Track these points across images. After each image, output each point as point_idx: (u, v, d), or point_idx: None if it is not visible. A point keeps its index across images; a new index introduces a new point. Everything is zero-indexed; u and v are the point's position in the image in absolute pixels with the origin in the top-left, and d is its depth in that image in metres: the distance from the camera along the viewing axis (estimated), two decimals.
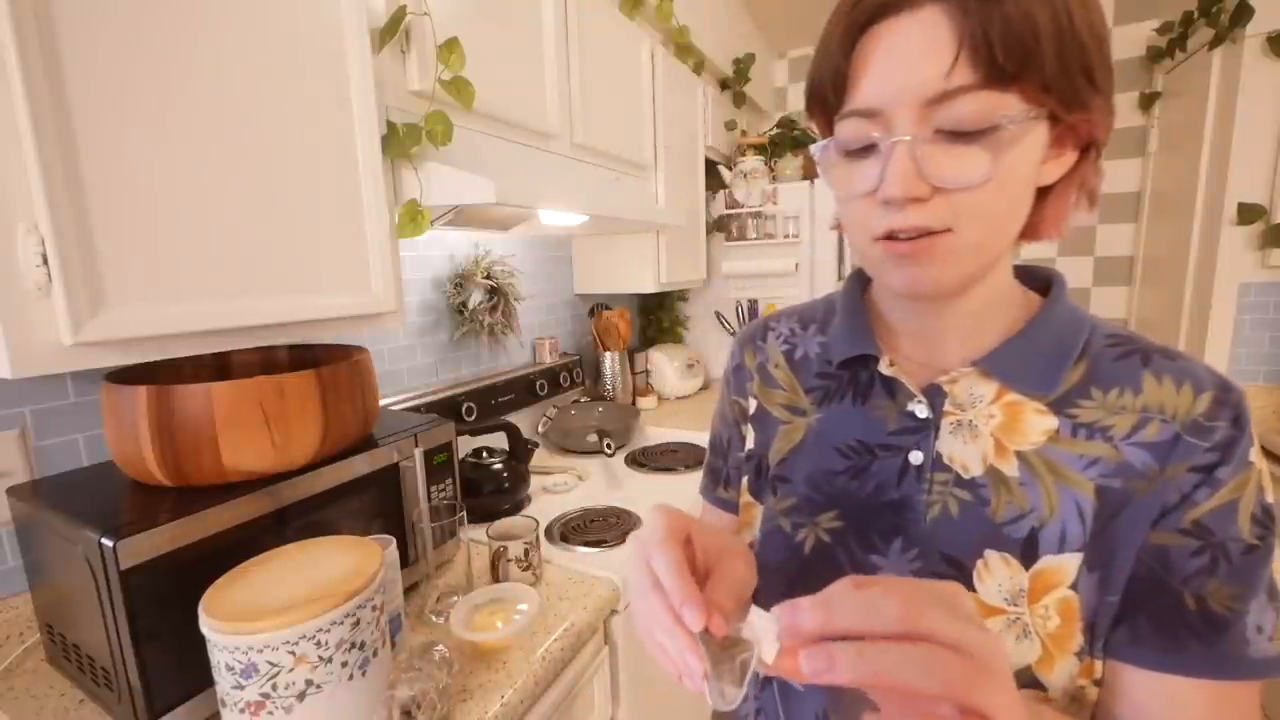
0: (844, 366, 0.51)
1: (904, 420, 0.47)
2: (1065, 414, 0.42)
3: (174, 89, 0.65)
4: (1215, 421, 0.39)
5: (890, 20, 0.36)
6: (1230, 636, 0.38)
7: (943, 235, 0.38)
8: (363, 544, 0.68)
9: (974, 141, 0.36)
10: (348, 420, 0.83)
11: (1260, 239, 1.70)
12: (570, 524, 1.21)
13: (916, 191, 0.37)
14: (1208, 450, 0.39)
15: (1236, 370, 1.80)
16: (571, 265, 1.95)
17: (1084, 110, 0.37)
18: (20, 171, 0.55)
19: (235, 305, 0.72)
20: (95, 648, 0.67)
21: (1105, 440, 0.41)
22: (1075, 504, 0.41)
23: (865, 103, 0.38)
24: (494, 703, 0.73)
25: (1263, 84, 1.66)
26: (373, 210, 0.88)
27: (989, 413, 0.44)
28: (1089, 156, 0.41)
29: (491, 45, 1.07)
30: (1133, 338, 0.45)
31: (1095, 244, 2.41)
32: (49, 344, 0.58)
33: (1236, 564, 0.39)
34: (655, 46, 1.66)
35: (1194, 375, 0.41)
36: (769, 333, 0.59)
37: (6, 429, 0.80)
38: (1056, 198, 0.42)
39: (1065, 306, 0.45)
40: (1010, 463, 0.43)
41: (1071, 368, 0.43)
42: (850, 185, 0.40)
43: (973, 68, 0.34)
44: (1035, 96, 0.35)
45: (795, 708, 0.49)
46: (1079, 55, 0.35)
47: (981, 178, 0.36)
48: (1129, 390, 0.42)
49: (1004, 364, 0.44)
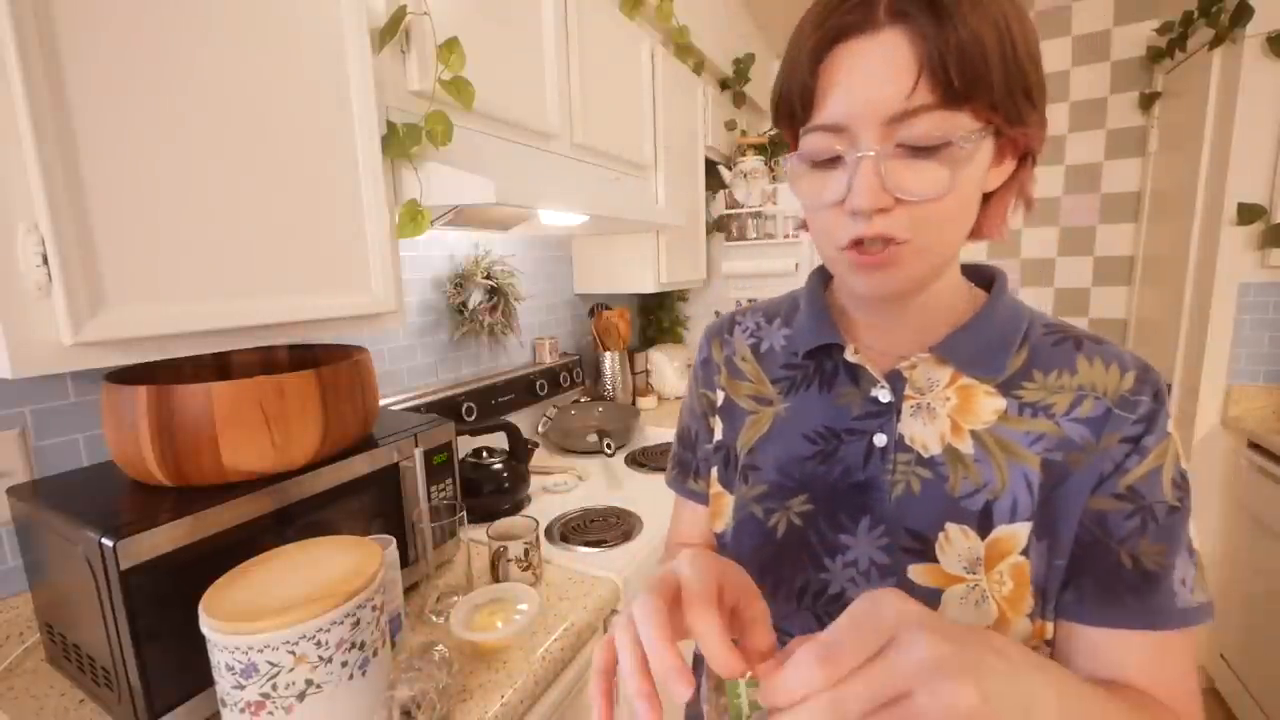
0: (809, 356, 0.55)
1: (868, 405, 0.50)
2: (1012, 395, 0.47)
3: (174, 89, 0.65)
4: (1140, 396, 0.44)
5: (854, 41, 0.39)
6: (1160, 590, 0.42)
7: (903, 245, 0.41)
8: (363, 544, 0.68)
9: (932, 157, 0.39)
10: (348, 420, 0.83)
11: (1260, 239, 1.70)
12: (570, 524, 1.21)
13: (882, 203, 0.39)
14: (1135, 422, 0.44)
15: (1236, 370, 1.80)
16: (571, 265, 1.95)
17: (1023, 125, 0.41)
18: (20, 171, 0.55)
19: (235, 305, 0.72)
20: (95, 648, 0.67)
21: (1048, 417, 0.45)
22: (1024, 477, 0.45)
23: (832, 118, 0.40)
24: (494, 703, 0.73)
25: (1263, 84, 1.65)
26: (373, 210, 0.88)
27: (945, 395, 0.48)
28: (1025, 164, 0.45)
29: (491, 45, 1.07)
30: (1065, 326, 0.49)
31: (1095, 244, 2.41)
32: (49, 344, 0.58)
33: (1162, 523, 0.43)
34: (655, 46, 1.66)
35: (1119, 357, 0.46)
36: (735, 327, 0.62)
37: (6, 429, 0.80)
38: (998, 202, 0.46)
39: (1007, 301, 0.50)
40: (966, 441, 0.46)
41: (1015, 354, 0.48)
42: (818, 196, 0.43)
43: (930, 89, 0.37)
44: (984, 114, 0.39)
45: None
46: (1020, 77, 0.39)
47: (942, 191, 0.39)
48: (1066, 372, 0.46)
49: (956, 350, 0.48)
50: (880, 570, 0.47)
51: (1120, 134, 2.32)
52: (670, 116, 1.74)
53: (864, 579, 0.48)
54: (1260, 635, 1.65)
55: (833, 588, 0.49)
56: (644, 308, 2.35)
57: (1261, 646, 1.64)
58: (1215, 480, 1.84)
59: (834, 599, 0.49)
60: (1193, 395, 1.86)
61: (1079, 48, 2.35)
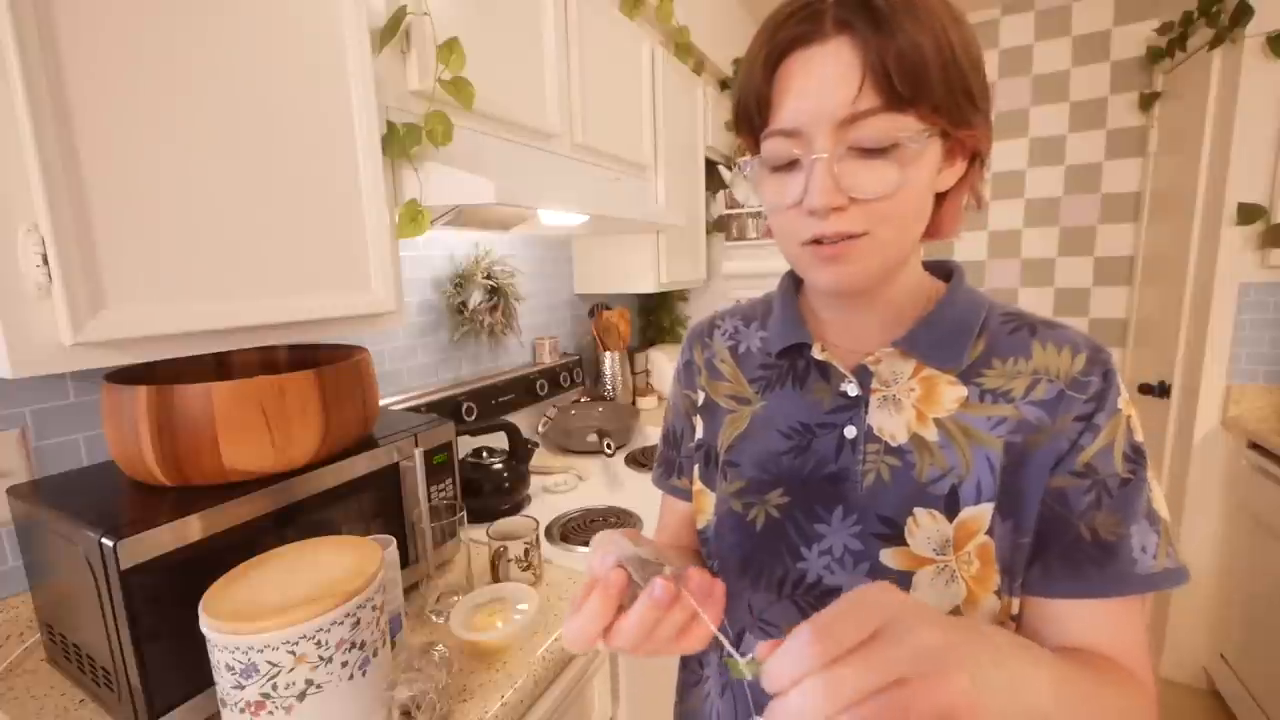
0: (782, 356, 0.57)
1: (837, 400, 0.52)
2: (973, 383, 0.49)
3: (174, 89, 0.65)
4: (1090, 377, 0.46)
5: (803, 50, 0.42)
6: (1119, 558, 0.45)
7: (860, 238, 0.43)
8: (363, 544, 0.68)
9: (883, 156, 0.41)
10: (348, 420, 0.83)
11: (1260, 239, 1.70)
12: (570, 524, 1.21)
13: (836, 202, 0.42)
14: (1086, 401, 0.46)
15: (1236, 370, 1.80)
16: (571, 265, 1.95)
17: (969, 127, 0.43)
18: (20, 171, 0.55)
19: (235, 305, 0.72)
20: (95, 648, 0.67)
21: (1007, 402, 0.47)
22: (986, 459, 0.47)
23: (787, 124, 0.43)
24: (494, 703, 0.73)
25: (1263, 84, 1.65)
26: (373, 210, 0.88)
27: (909, 386, 0.50)
28: (975, 165, 0.48)
29: (491, 45, 1.07)
30: (1021, 314, 0.52)
31: (1095, 244, 2.41)
32: (49, 344, 0.58)
33: (1116, 496, 0.45)
34: (655, 46, 1.66)
35: (1071, 340, 0.48)
36: (715, 330, 0.64)
37: (6, 429, 0.80)
38: (951, 201, 0.49)
39: (965, 292, 0.52)
40: (930, 429, 0.48)
41: (974, 343, 0.50)
42: (778, 198, 0.45)
43: (876, 93, 0.40)
44: (928, 117, 0.41)
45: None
46: (961, 80, 0.41)
47: (892, 188, 0.41)
48: (1022, 358, 0.49)
49: (918, 343, 0.50)
50: (855, 557, 0.49)
51: (1120, 134, 2.32)
52: (670, 116, 1.74)
53: (839, 566, 0.50)
54: (1260, 635, 1.65)
55: (810, 576, 0.51)
56: (644, 308, 2.35)
57: (1261, 646, 1.64)
58: (1215, 480, 1.84)
59: (812, 587, 0.51)
60: (1193, 395, 1.86)
61: (1079, 48, 2.35)
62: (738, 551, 0.54)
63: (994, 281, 2.58)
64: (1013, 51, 2.46)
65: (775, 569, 0.52)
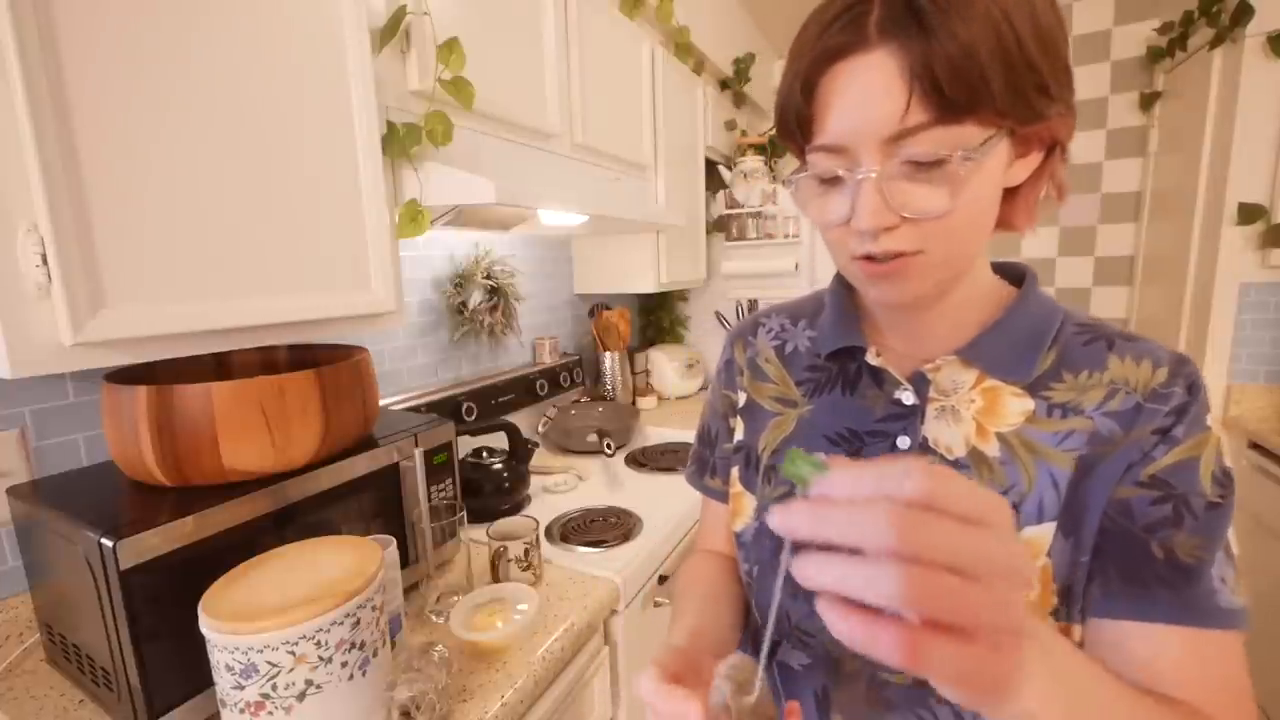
0: (832, 358, 0.54)
1: (891, 407, 0.49)
2: (1041, 396, 0.45)
3: (174, 89, 0.65)
4: (1172, 389, 0.43)
5: (846, 61, 0.38)
6: (1198, 584, 0.40)
7: (915, 256, 0.40)
8: (363, 544, 0.68)
9: (936, 171, 0.37)
10: (348, 420, 0.83)
11: (1260, 239, 1.70)
12: (570, 524, 1.21)
13: (886, 222, 0.39)
14: (1166, 414, 0.42)
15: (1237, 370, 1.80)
16: (571, 265, 1.95)
17: (1042, 120, 0.39)
18: (20, 171, 0.55)
19: (235, 305, 0.72)
20: (95, 648, 0.67)
21: (1078, 415, 0.44)
22: (1050, 477, 0.44)
23: (831, 140, 0.40)
24: (494, 703, 0.73)
25: (1263, 84, 1.65)
26: (373, 210, 0.88)
27: (970, 398, 0.47)
28: (1054, 154, 0.43)
29: (491, 45, 1.07)
30: (1099, 325, 0.48)
31: (1095, 244, 2.41)
32: (49, 344, 0.58)
33: (1201, 518, 0.41)
34: (655, 46, 1.65)
35: (1153, 353, 0.45)
36: (759, 328, 0.62)
37: (6, 429, 0.80)
38: (1026, 194, 0.45)
39: (1038, 298, 0.49)
40: (991, 443, 0.45)
41: (1045, 354, 0.46)
42: (824, 217, 0.43)
43: (925, 108, 0.36)
44: (991, 121, 0.37)
45: (794, 688, 0.51)
46: (1030, 74, 0.37)
47: (945, 208, 0.38)
48: (1096, 371, 0.45)
49: (982, 353, 0.47)
50: None
51: (1120, 134, 2.32)
52: (670, 116, 1.74)
53: None
54: (1260, 635, 1.65)
55: None
56: (644, 308, 2.35)
57: (1262, 646, 1.64)
58: None
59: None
60: None
61: (1079, 48, 2.35)
62: (776, 560, 0.52)
63: None
64: None
65: None
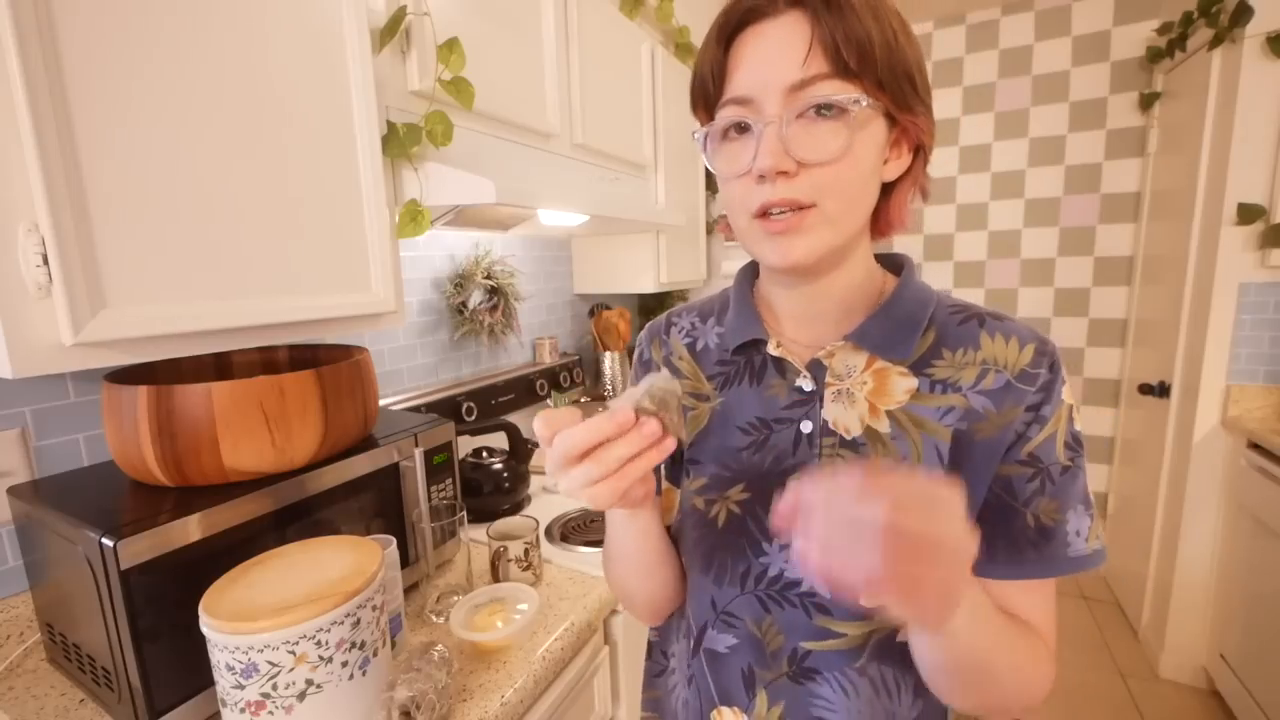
0: (739, 352, 0.57)
1: (793, 395, 0.53)
2: (924, 374, 0.50)
3: (174, 89, 0.65)
4: (1038, 369, 0.48)
5: (758, 25, 0.45)
6: (1054, 542, 0.47)
7: (809, 210, 0.45)
8: (363, 544, 0.68)
9: (829, 120, 0.43)
10: (348, 420, 0.83)
11: (1260, 239, 1.70)
12: (570, 524, 1.21)
13: (784, 165, 0.43)
14: (1035, 392, 0.47)
15: (1235, 370, 1.80)
16: (571, 265, 1.95)
17: (911, 112, 0.45)
18: (20, 171, 0.55)
19: (235, 305, 0.72)
20: (95, 648, 0.67)
21: (956, 392, 0.49)
22: (935, 448, 0.48)
23: (739, 91, 0.45)
24: (494, 703, 0.73)
25: (1263, 84, 1.65)
26: (373, 210, 0.88)
27: (862, 380, 0.51)
28: (920, 158, 0.50)
29: (491, 45, 1.07)
30: (969, 305, 0.53)
31: (1095, 244, 2.41)
32: (49, 344, 0.58)
33: (1058, 483, 0.47)
34: (655, 46, 1.66)
35: (1019, 332, 0.50)
36: (672, 327, 0.64)
37: (7, 429, 0.80)
38: (898, 194, 0.51)
39: (914, 285, 0.53)
40: (883, 421, 0.50)
41: (923, 335, 0.51)
42: (730, 166, 0.47)
43: (824, 60, 0.42)
44: (873, 90, 0.43)
45: (722, 670, 0.54)
46: (903, 65, 0.44)
47: (839, 152, 0.43)
48: (971, 348, 0.50)
49: (869, 336, 0.51)
50: None
51: (1120, 134, 2.32)
52: (670, 116, 1.74)
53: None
54: (1260, 635, 1.65)
55: (772, 570, 0.52)
56: (644, 308, 2.35)
57: (1261, 646, 1.64)
58: (1215, 480, 1.84)
59: (774, 581, 0.52)
60: (1193, 395, 1.86)
61: (1079, 48, 2.35)
62: (701, 547, 0.55)
63: (993, 282, 2.58)
64: (1013, 51, 2.46)
65: (738, 564, 0.53)
